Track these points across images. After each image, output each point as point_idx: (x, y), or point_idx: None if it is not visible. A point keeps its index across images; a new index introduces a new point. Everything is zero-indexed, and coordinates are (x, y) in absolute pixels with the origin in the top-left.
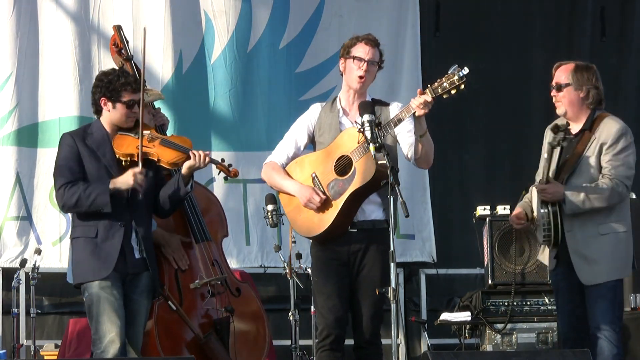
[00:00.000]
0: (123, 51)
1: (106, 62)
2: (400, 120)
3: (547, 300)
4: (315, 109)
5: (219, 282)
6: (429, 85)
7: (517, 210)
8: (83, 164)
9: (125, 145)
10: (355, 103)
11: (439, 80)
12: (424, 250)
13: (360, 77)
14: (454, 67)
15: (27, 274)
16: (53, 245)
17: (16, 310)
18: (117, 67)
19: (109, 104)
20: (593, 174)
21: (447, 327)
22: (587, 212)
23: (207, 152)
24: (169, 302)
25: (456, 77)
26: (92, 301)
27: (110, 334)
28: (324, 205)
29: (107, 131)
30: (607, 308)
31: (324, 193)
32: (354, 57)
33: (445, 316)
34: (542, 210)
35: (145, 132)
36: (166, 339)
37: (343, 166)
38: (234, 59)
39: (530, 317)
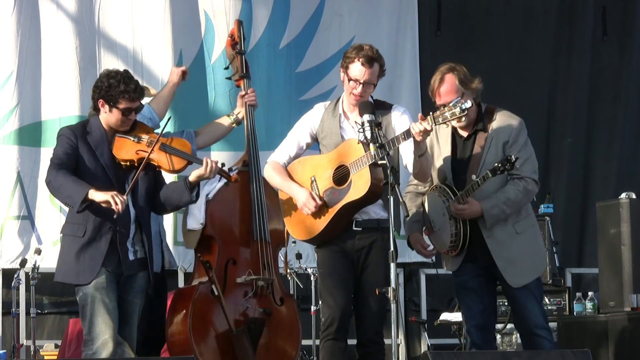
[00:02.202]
0: (238, 45)
1: (107, 61)
2: (399, 141)
3: (547, 300)
4: (319, 110)
5: (265, 285)
6: (430, 113)
7: (418, 238)
8: (78, 161)
9: (125, 151)
10: (356, 108)
11: (441, 109)
12: None
13: (356, 97)
14: (457, 99)
15: (27, 274)
16: (54, 245)
17: (16, 310)
18: (228, 58)
19: (106, 107)
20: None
21: (447, 327)
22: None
23: (216, 161)
24: (213, 286)
25: (458, 110)
26: (86, 301)
27: (103, 336)
28: (319, 211)
29: (105, 130)
30: (538, 307)
31: (320, 199)
32: (350, 79)
33: (445, 316)
34: (450, 220)
35: (144, 136)
36: (199, 321)
37: (341, 176)
38: None
39: None
